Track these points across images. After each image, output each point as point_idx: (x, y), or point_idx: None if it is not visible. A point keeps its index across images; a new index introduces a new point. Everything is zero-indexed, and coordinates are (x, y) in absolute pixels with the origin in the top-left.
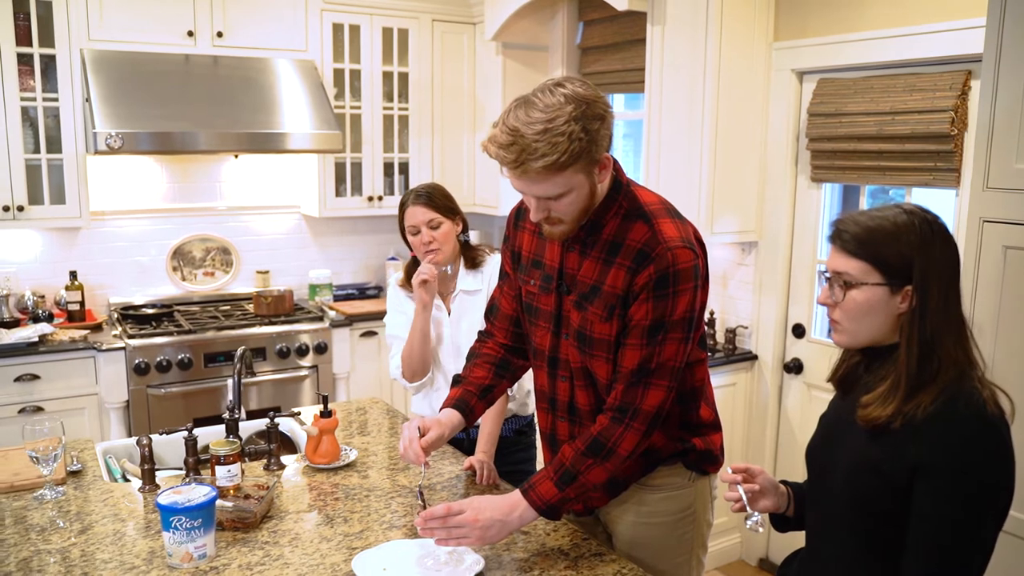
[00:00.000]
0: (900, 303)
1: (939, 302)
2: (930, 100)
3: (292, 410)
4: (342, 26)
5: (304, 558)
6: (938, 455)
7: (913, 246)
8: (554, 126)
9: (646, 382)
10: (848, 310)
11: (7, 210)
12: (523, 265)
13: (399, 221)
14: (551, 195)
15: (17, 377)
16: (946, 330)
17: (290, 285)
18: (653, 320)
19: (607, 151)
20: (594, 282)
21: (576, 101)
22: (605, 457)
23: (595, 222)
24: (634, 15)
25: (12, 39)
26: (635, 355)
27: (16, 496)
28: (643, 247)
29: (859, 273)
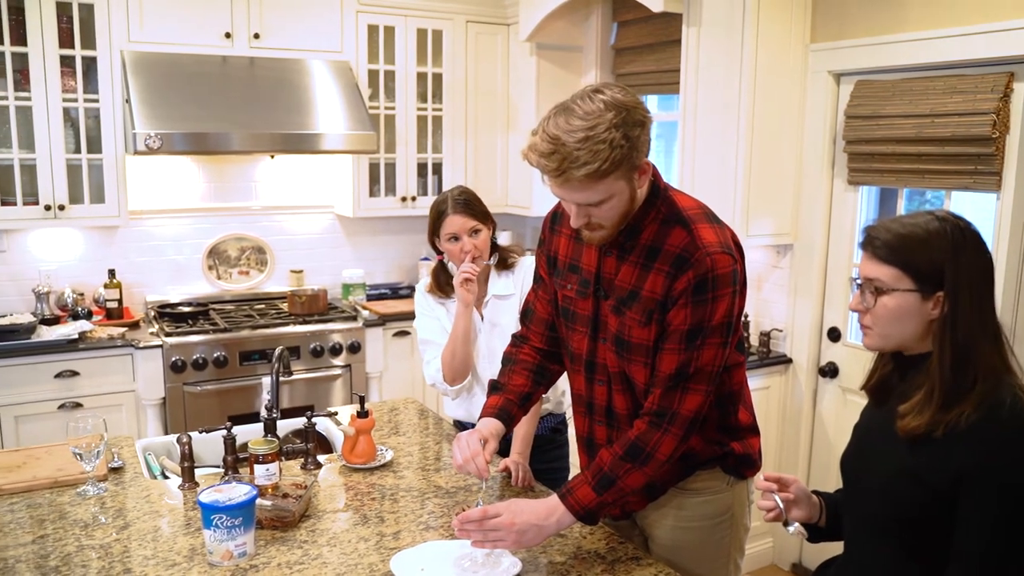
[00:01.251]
0: (932, 309)
1: (971, 308)
2: (971, 102)
3: (328, 410)
4: (377, 27)
5: (342, 557)
6: (982, 463)
7: (944, 252)
8: (595, 134)
9: (684, 387)
10: (879, 316)
11: (48, 209)
12: (559, 270)
13: (432, 226)
14: (592, 202)
15: (57, 373)
16: (980, 336)
17: (324, 284)
18: (692, 325)
19: (646, 156)
20: (632, 287)
21: (616, 108)
22: (643, 462)
23: (633, 227)
24: (669, 16)
25: (56, 41)
26: (673, 359)
27: (59, 491)
28: (681, 252)
29: (890, 279)
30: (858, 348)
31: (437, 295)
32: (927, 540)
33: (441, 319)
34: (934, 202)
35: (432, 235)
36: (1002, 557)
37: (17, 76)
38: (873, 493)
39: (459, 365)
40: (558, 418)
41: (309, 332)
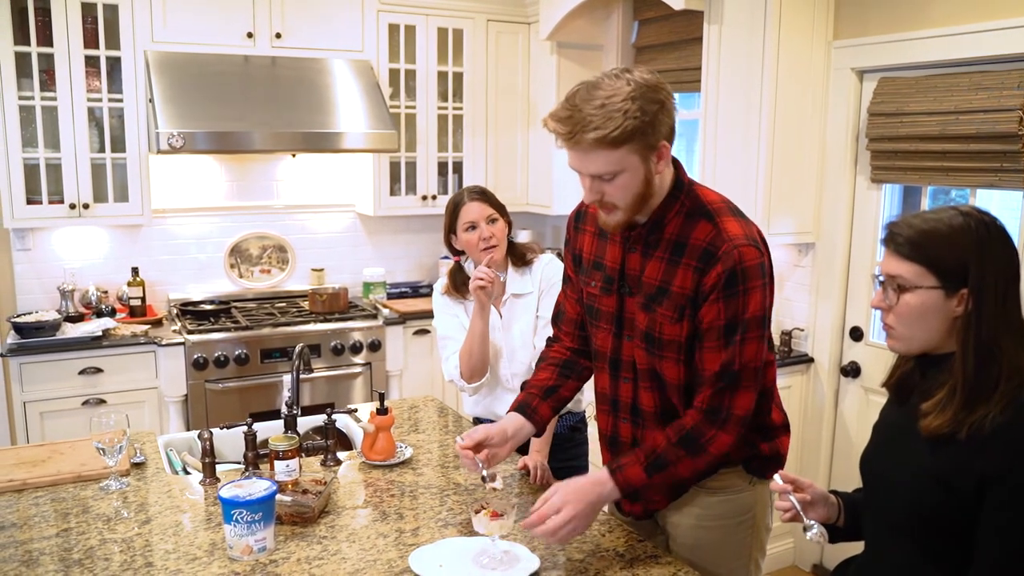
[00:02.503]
0: (956, 307)
1: (997, 305)
2: (996, 99)
3: (348, 407)
4: (398, 26)
5: (361, 553)
6: (1008, 467)
7: (968, 248)
8: (611, 102)
9: (733, 385)
10: (902, 314)
11: (73, 208)
12: (584, 267)
13: (448, 221)
14: (604, 173)
15: (81, 370)
16: (1005, 334)
17: (344, 283)
18: (727, 320)
19: (666, 140)
20: (660, 283)
21: (637, 84)
22: (696, 452)
23: (657, 220)
24: (690, 14)
25: (81, 42)
26: (716, 357)
27: (83, 486)
28: (708, 246)
29: (913, 276)
30: (880, 348)
31: (454, 296)
32: (946, 542)
33: (460, 316)
34: (958, 200)
35: (448, 232)
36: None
37: (43, 76)
38: (893, 493)
39: (476, 363)
40: (577, 416)
41: (330, 330)
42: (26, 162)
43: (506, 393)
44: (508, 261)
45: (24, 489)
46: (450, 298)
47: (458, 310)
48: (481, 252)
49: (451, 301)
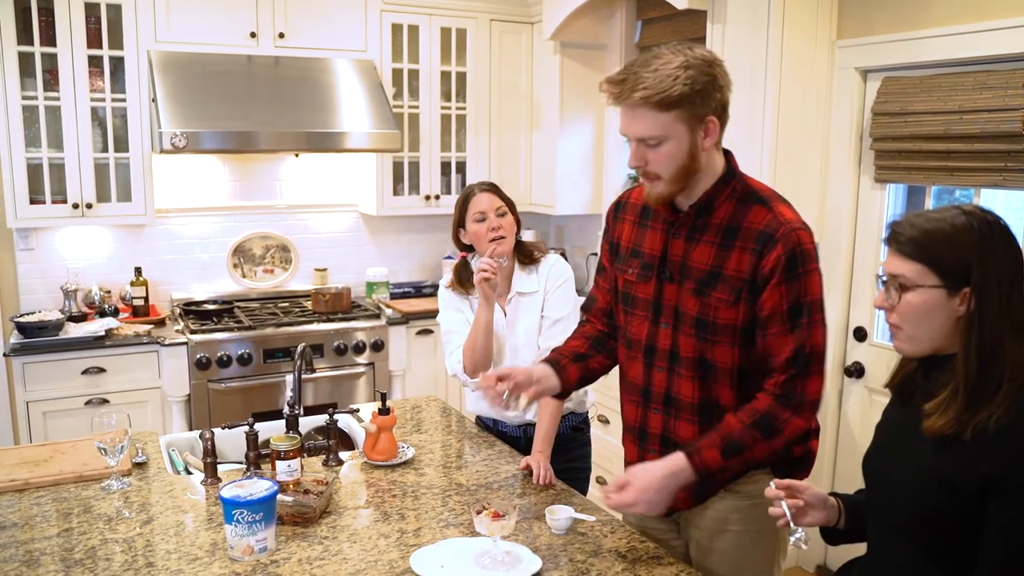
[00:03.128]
0: (959, 306)
1: (1000, 305)
2: (1001, 98)
3: (350, 407)
4: (401, 26)
5: (362, 554)
6: (1012, 469)
7: (970, 247)
8: (663, 67)
9: (805, 370)
10: (904, 313)
11: (76, 207)
12: (621, 255)
13: (458, 214)
14: (649, 137)
15: (84, 370)
16: (1009, 334)
17: (348, 283)
18: (791, 303)
19: (715, 117)
20: (711, 267)
21: (693, 56)
22: (771, 435)
23: (705, 205)
24: (694, 13)
25: (84, 42)
26: (785, 342)
27: (84, 486)
28: (765, 228)
29: (915, 275)
30: (885, 348)
31: (459, 291)
32: (947, 543)
33: (464, 311)
34: (963, 200)
35: (457, 226)
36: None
37: (46, 76)
38: (894, 493)
39: (480, 358)
40: (580, 417)
41: (333, 330)
42: (29, 162)
43: None
44: (515, 259)
45: (26, 489)
46: (455, 293)
47: (463, 305)
48: (489, 243)
49: (456, 296)
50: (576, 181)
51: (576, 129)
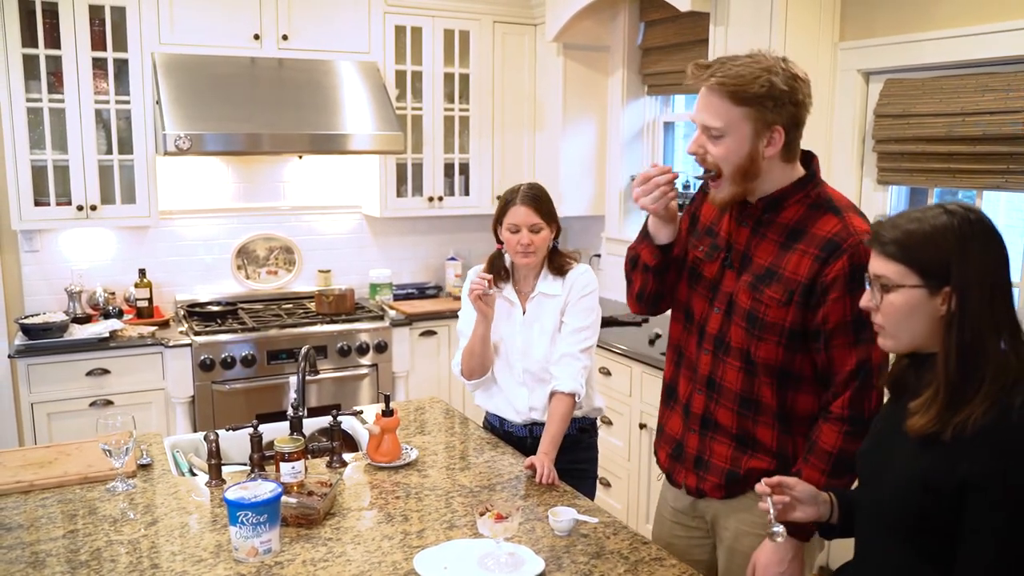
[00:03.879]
0: (940, 305)
1: (981, 304)
2: (1003, 100)
3: (354, 408)
4: (404, 28)
5: (366, 555)
6: (990, 469)
7: (950, 247)
8: (751, 64)
9: (868, 384)
10: (887, 314)
11: (80, 209)
12: (697, 231)
13: (497, 214)
14: (712, 126)
15: (89, 371)
16: (991, 333)
17: (351, 284)
18: (855, 315)
19: (784, 128)
20: (770, 265)
21: (783, 67)
22: (848, 471)
23: (775, 201)
24: (696, 15)
25: (88, 44)
26: (849, 355)
27: (89, 487)
28: (833, 237)
29: (896, 276)
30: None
31: None
32: (940, 542)
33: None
34: (965, 201)
35: (496, 223)
36: (1010, 567)
37: (51, 78)
38: (883, 492)
39: (476, 365)
40: (587, 420)
41: (336, 331)
42: (34, 164)
43: (518, 388)
44: (544, 265)
45: (31, 490)
46: None
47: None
48: (517, 255)
49: None
50: (579, 182)
51: (579, 131)
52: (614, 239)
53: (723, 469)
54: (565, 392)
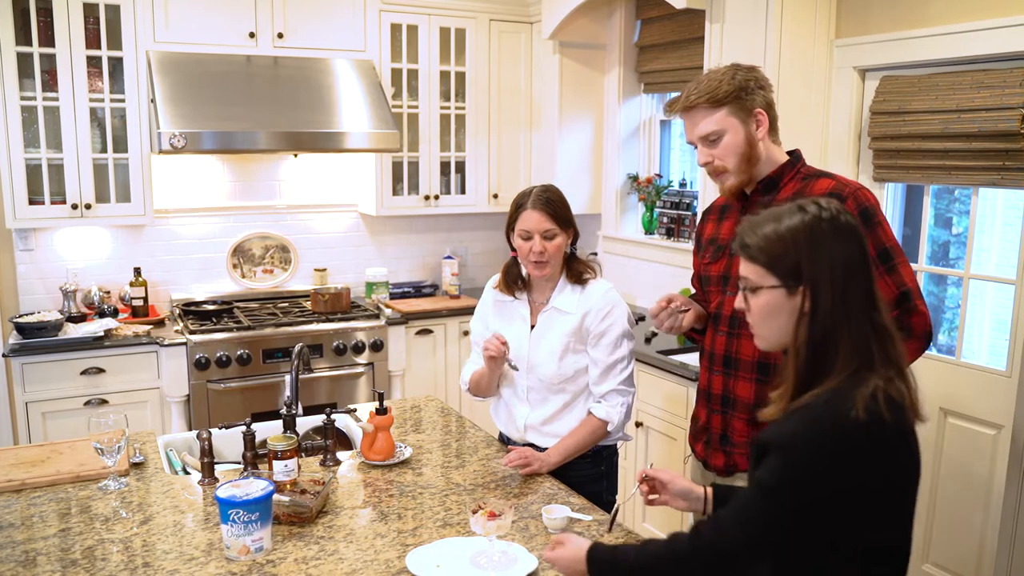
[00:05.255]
0: (800, 303)
1: (834, 300)
2: (998, 97)
3: (348, 407)
4: (400, 26)
5: (358, 554)
6: (779, 438)
7: (801, 245)
8: (711, 76)
9: (909, 307)
10: (754, 314)
11: (75, 208)
12: (702, 247)
13: (509, 218)
14: (709, 133)
15: (83, 370)
16: (844, 328)
17: (347, 283)
18: (877, 250)
19: (763, 110)
20: None
21: (735, 65)
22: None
23: (771, 183)
24: (692, 13)
25: (83, 42)
26: (883, 285)
27: (82, 486)
28: (833, 190)
29: (756, 277)
30: None
31: (503, 292)
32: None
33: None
34: (961, 199)
35: (508, 228)
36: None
37: (45, 77)
38: None
39: (483, 391)
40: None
41: (332, 330)
42: (28, 162)
43: (520, 404)
44: (563, 272)
45: (23, 489)
46: (498, 294)
47: (502, 308)
48: (530, 265)
49: (495, 300)
50: (575, 181)
51: (575, 129)
52: (611, 237)
53: (747, 443)
54: (598, 416)
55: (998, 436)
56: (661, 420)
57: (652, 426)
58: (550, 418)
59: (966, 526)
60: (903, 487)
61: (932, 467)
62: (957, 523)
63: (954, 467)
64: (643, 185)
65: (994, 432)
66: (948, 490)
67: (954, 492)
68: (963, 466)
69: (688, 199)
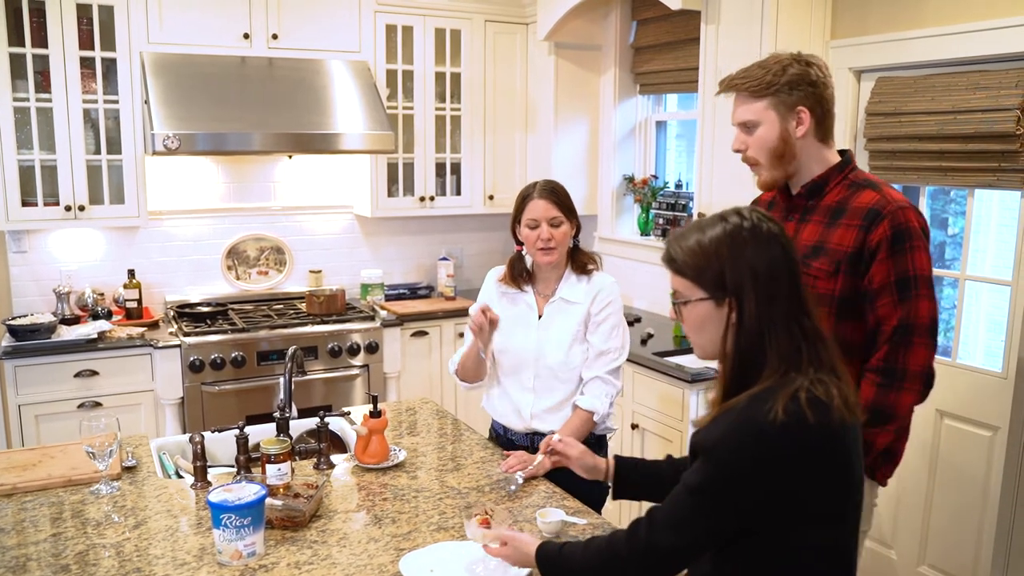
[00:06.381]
0: (729, 313)
1: (759, 306)
2: (994, 98)
3: (342, 409)
4: (395, 27)
5: (352, 558)
6: (704, 441)
7: (722, 256)
8: (765, 62)
9: (908, 341)
10: (687, 327)
11: (69, 210)
12: None
13: (514, 212)
14: (746, 120)
15: (77, 373)
16: (772, 335)
17: (342, 284)
18: (898, 276)
19: (806, 108)
20: (815, 243)
21: (796, 57)
22: (886, 422)
23: (816, 187)
24: (688, 14)
25: (76, 43)
26: (892, 313)
27: (73, 490)
28: (874, 206)
29: (685, 290)
30: None
31: (506, 285)
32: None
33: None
34: (957, 200)
35: (514, 222)
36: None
37: (38, 78)
38: None
39: (469, 372)
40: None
41: (327, 332)
42: (21, 164)
43: (525, 393)
44: (568, 264)
45: (14, 493)
46: (503, 286)
47: (503, 301)
48: (538, 251)
49: (497, 292)
50: (571, 182)
51: (571, 130)
52: (607, 238)
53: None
54: (584, 408)
55: (994, 438)
56: (656, 422)
57: (647, 428)
58: (556, 406)
59: (962, 528)
60: (833, 486)
61: (928, 469)
62: (953, 525)
63: (950, 469)
64: (639, 186)
65: (990, 434)
66: (944, 492)
67: (950, 494)
68: (959, 468)
69: (684, 200)
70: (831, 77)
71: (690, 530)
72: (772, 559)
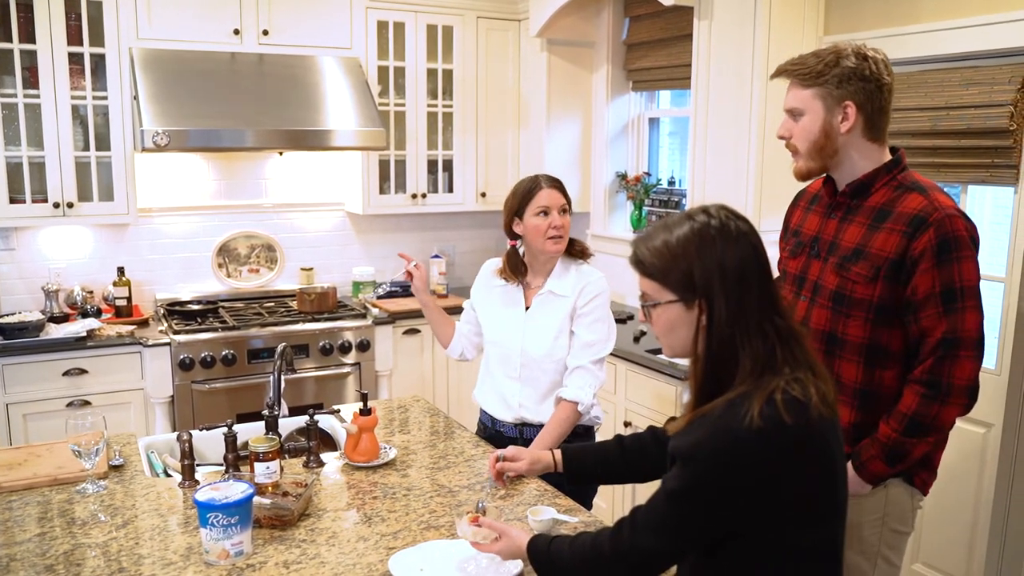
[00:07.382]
0: (699, 315)
1: (729, 309)
2: (987, 94)
3: (332, 407)
4: (387, 23)
5: (341, 557)
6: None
7: (690, 257)
8: (823, 52)
9: (954, 355)
10: (656, 329)
11: (57, 207)
12: (788, 232)
13: (517, 204)
14: (792, 107)
15: (65, 371)
16: (744, 335)
17: (334, 282)
18: (943, 287)
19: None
20: (857, 246)
21: (854, 49)
22: (926, 434)
23: (862, 187)
24: (680, 10)
25: (64, 39)
26: (937, 325)
27: (60, 489)
28: (919, 213)
29: (653, 292)
30: None
31: (500, 277)
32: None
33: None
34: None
35: (512, 216)
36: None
37: (26, 74)
38: None
39: (442, 338)
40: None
41: (318, 330)
42: (9, 161)
43: (511, 382)
44: (558, 261)
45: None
46: (497, 277)
47: (479, 296)
48: (548, 240)
49: (485, 283)
50: (564, 179)
51: (563, 127)
52: (599, 236)
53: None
54: (567, 399)
55: (988, 435)
56: (650, 420)
57: (641, 426)
58: (542, 396)
59: (956, 525)
60: (815, 485)
61: None
62: (947, 522)
63: (944, 466)
64: (631, 183)
65: (984, 431)
66: (938, 489)
67: (944, 491)
68: (953, 465)
69: (677, 197)
70: (891, 74)
71: (670, 535)
72: (759, 559)
